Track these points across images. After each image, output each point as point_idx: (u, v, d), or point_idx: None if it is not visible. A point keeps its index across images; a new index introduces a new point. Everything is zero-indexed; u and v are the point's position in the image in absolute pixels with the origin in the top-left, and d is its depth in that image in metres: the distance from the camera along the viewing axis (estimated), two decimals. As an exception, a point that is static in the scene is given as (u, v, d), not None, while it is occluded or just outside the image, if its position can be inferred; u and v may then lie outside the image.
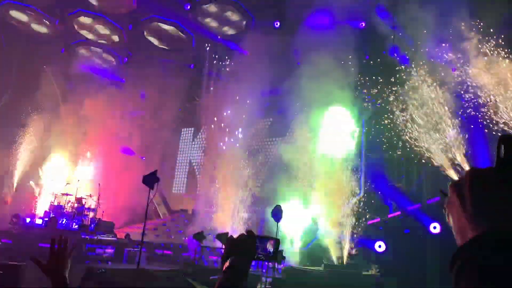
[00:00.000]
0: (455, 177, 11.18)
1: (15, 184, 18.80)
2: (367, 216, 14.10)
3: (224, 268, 1.46)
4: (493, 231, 0.62)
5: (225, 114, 18.12)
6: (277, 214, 12.98)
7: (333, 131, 15.22)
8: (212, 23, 18.03)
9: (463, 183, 0.70)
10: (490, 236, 0.61)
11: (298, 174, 15.18)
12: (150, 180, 9.98)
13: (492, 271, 0.57)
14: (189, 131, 22.30)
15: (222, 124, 18.30)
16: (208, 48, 19.01)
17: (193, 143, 22.16)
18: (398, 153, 14.13)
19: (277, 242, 1.66)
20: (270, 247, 1.62)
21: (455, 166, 12.40)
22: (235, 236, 1.55)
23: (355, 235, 13.72)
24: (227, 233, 14.04)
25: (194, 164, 21.67)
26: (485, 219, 0.64)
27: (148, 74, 18.71)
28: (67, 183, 16.16)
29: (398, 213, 13.68)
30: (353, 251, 13.48)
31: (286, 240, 14.71)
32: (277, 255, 1.65)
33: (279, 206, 13.18)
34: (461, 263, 0.61)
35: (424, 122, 13.45)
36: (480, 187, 0.67)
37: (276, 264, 11.73)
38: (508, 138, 0.65)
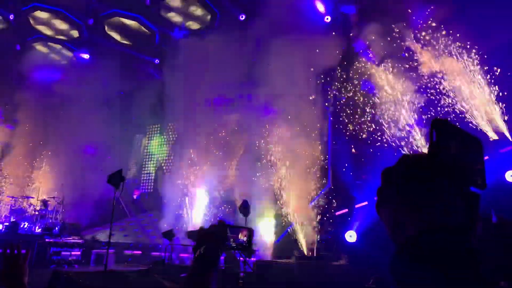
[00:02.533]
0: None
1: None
2: (335, 207, 14.36)
3: (194, 257, 1.48)
4: (435, 228, 0.56)
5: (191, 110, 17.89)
6: (245, 208, 13.01)
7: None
8: (175, 17, 17.73)
9: (398, 171, 0.63)
10: (433, 233, 0.55)
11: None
12: (116, 179, 9.73)
13: (447, 268, 0.51)
14: (156, 128, 21.89)
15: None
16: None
17: (161, 140, 21.77)
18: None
19: (250, 231, 1.65)
20: (243, 237, 1.61)
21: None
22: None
23: (324, 227, 13.94)
24: (172, 230, 13.97)
25: (162, 162, 21.32)
26: (426, 213, 0.58)
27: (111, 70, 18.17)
28: (28, 185, 15.57)
29: (365, 203, 13.96)
30: (323, 242, 13.69)
31: (256, 234, 14.76)
32: (250, 246, 1.64)
33: (246, 201, 13.22)
34: (404, 263, 0.55)
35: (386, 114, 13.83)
36: (417, 175, 0.60)
37: (246, 258, 11.74)
38: (439, 122, 0.60)
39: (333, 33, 14.85)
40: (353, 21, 14.90)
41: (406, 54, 13.76)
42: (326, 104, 15.78)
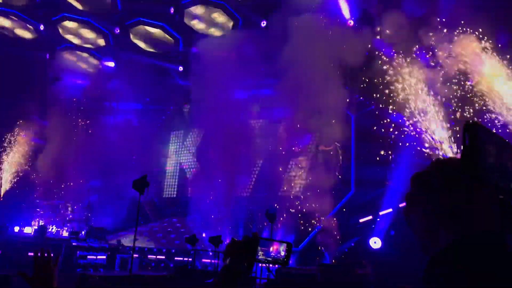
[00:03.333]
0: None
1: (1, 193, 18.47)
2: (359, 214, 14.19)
3: (221, 269, 1.48)
4: (474, 236, 0.53)
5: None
6: (271, 215, 12.97)
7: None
8: (198, 25, 17.95)
9: (431, 176, 0.61)
10: (474, 241, 0.53)
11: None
12: (140, 185, 9.85)
13: (483, 277, 0.48)
14: (180, 134, 22.09)
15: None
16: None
17: (183, 146, 21.96)
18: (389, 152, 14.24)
19: (289, 245, 1.64)
20: (282, 251, 1.62)
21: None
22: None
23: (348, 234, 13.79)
24: (220, 236, 13.97)
25: (184, 167, 21.50)
26: (461, 220, 0.56)
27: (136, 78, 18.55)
28: (55, 190, 15.97)
29: (390, 210, 13.74)
30: (346, 250, 13.53)
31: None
32: (288, 260, 1.63)
33: (273, 207, 13.20)
34: (445, 270, 0.52)
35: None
36: (452, 180, 0.58)
37: (270, 265, 11.70)
38: (471, 126, 0.58)
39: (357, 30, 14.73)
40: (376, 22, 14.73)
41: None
42: (350, 109, 15.68)
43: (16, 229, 14.20)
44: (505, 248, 0.51)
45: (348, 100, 15.25)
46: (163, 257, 15.22)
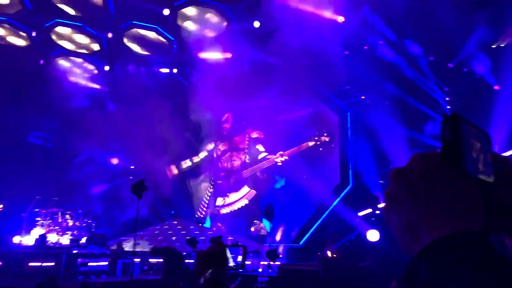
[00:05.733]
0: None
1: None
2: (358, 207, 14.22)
3: (203, 282, 1.41)
4: (459, 232, 0.51)
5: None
6: (270, 213, 13.00)
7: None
8: (192, 26, 17.90)
9: (410, 171, 0.58)
10: (460, 237, 0.50)
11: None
12: (138, 188, 9.87)
13: (466, 279, 0.46)
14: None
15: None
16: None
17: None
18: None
19: (244, 249, 1.61)
20: (238, 257, 1.58)
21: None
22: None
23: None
24: (221, 236, 14.00)
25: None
26: (444, 217, 0.53)
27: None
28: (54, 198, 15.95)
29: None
30: (347, 244, 13.57)
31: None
32: (244, 264, 1.59)
33: (271, 204, 13.21)
34: (425, 271, 0.50)
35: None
36: (432, 175, 0.56)
37: (270, 263, 11.73)
38: (452, 117, 0.56)
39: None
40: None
41: None
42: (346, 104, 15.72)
43: (16, 239, 14.18)
44: (489, 247, 0.49)
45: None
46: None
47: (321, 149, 16.12)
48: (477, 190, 0.55)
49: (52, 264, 11.64)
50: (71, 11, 17.59)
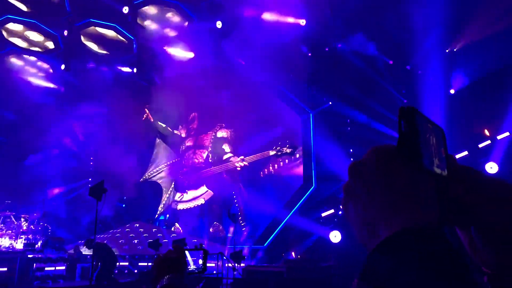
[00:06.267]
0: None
1: None
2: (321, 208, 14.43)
3: None
4: (416, 226, 0.50)
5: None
6: (234, 215, 12.95)
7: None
8: (152, 25, 17.60)
9: (366, 163, 0.57)
10: (417, 231, 0.49)
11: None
12: (97, 191, 9.55)
13: (423, 274, 0.45)
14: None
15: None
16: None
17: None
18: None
19: (205, 252, 1.57)
20: (199, 260, 1.55)
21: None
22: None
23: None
24: (184, 239, 13.82)
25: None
26: (400, 211, 0.52)
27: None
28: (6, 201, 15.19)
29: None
30: (310, 244, 13.73)
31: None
32: (205, 268, 1.55)
33: (235, 207, 13.18)
34: (382, 266, 0.48)
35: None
36: (388, 168, 0.55)
37: (235, 265, 11.68)
38: (408, 111, 0.55)
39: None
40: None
41: None
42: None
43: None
44: (445, 241, 0.49)
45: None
46: (127, 263, 14.86)
47: (281, 161, 16.39)
48: (432, 184, 0.55)
49: (5, 269, 11.04)
50: (23, 7, 16.83)
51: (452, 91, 13.04)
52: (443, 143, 0.60)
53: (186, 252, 1.49)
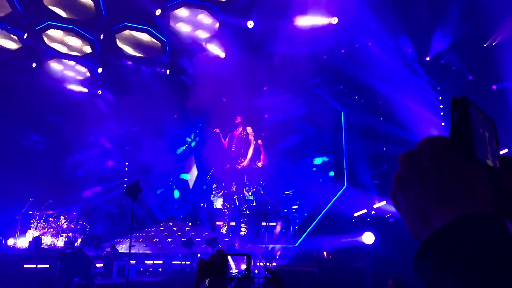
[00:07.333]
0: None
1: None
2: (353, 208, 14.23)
3: None
4: (468, 219, 0.49)
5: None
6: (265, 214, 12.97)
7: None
8: (184, 27, 17.86)
9: (419, 153, 0.56)
10: (471, 222, 0.48)
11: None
12: (133, 191, 9.81)
13: (483, 264, 0.44)
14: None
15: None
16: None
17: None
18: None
19: (248, 258, 1.60)
20: (243, 265, 1.57)
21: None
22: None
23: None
24: (216, 238, 13.98)
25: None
26: (455, 201, 0.52)
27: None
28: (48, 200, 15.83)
29: (384, 202, 13.79)
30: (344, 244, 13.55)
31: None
32: (249, 273, 1.58)
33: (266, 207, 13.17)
34: (432, 260, 0.48)
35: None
36: (442, 159, 0.54)
37: (267, 264, 11.72)
38: (460, 101, 0.54)
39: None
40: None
41: None
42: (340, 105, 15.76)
43: (10, 242, 14.07)
44: (505, 229, 0.47)
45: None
46: (161, 261, 15.16)
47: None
48: (485, 175, 0.54)
49: (47, 266, 11.53)
50: (63, 13, 17.47)
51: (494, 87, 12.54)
52: (495, 135, 0.59)
53: (229, 256, 1.54)
